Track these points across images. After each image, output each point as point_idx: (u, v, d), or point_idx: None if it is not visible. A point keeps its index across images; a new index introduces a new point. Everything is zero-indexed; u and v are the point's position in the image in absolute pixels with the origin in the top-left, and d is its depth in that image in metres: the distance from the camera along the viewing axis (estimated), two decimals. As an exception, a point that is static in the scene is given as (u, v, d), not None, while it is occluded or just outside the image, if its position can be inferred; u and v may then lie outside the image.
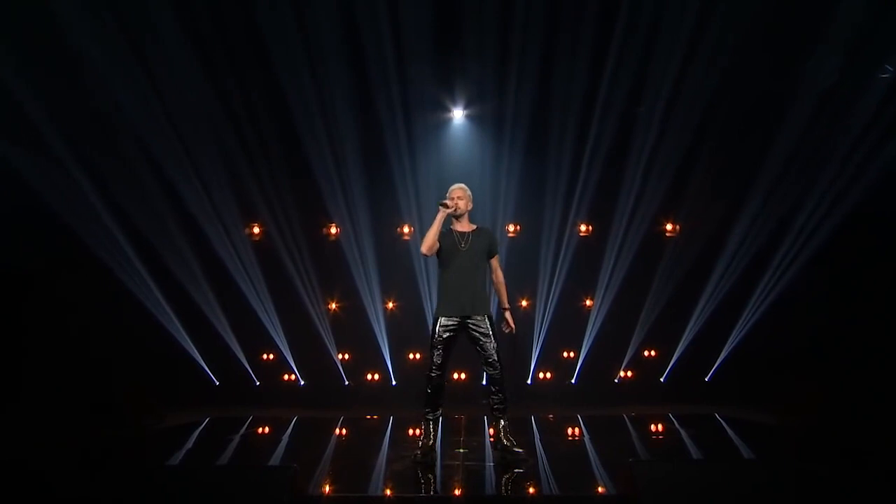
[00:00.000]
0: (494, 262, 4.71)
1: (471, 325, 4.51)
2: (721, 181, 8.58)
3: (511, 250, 9.15)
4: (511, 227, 9.27)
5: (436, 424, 4.66)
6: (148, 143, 8.03)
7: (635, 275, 9.07)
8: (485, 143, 9.08)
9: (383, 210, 9.16)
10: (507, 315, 4.65)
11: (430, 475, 4.32)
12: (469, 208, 4.75)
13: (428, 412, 4.65)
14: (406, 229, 9.29)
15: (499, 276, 4.73)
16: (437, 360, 4.52)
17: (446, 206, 4.55)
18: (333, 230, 9.28)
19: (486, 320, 4.54)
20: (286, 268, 9.03)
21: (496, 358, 4.55)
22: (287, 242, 9.01)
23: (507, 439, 4.61)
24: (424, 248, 4.47)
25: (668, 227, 9.24)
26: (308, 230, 9.15)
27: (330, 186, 8.87)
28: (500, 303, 4.75)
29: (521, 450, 4.60)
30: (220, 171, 8.54)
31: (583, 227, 9.30)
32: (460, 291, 4.48)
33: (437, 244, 4.49)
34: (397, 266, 9.20)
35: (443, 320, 4.55)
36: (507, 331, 4.58)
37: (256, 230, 9.20)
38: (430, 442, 4.62)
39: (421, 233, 9.16)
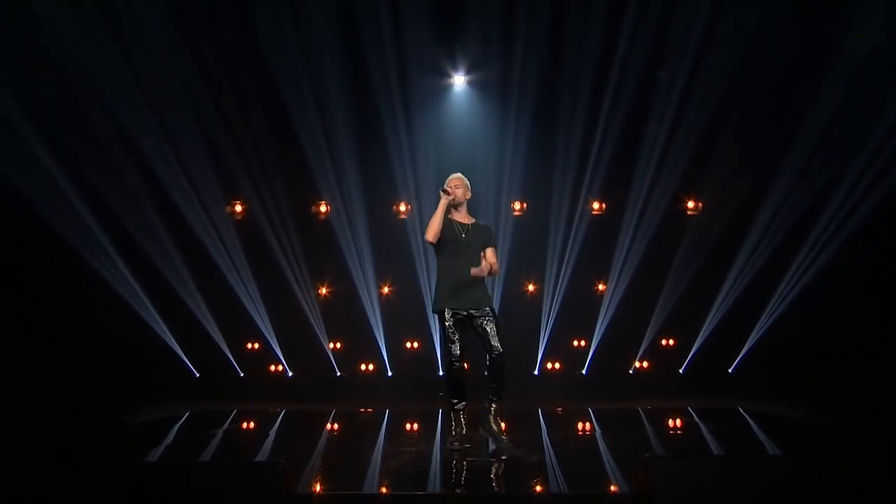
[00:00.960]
0: (489, 252, 4.96)
1: (474, 316, 4.86)
2: (749, 154, 8.54)
3: (517, 230, 9.14)
4: (517, 205, 9.25)
5: (465, 413, 4.97)
6: (117, 113, 7.95)
7: (653, 257, 9.06)
8: (488, 111, 9.01)
9: (378, 186, 9.13)
10: (484, 263, 4.78)
11: (428, 472, 4.41)
12: (467, 197, 5.01)
13: (455, 402, 4.95)
14: (402, 207, 9.27)
15: (495, 265, 4.91)
16: (455, 351, 4.81)
17: (447, 193, 4.85)
18: (323, 208, 9.26)
19: (489, 311, 4.85)
20: (272, 249, 9.01)
21: (499, 343, 4.85)
22: (273, 221, 8.98)
23: (496, 424, 4.86)
24: (429, 236, 4.76)
25: (690, 204, 9.21)
26: (296, 208, 9.13)
27: (319, 160, 8.84)
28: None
29: (506, 438, 4.86)
30: (198, 143, 8.49)
31: (595, 205, 9.27)
32: (463, 284, 4.79)
33: (440, 229, 4.79)
34: (393, 247, 9.19)
35: (449, 312, 4.84)
36: (473, 271, 4.69)
37: (239, 208, 9.15)
38: (464, 430, 4.91)
39: (419, 211, 9.19)
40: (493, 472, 4.42)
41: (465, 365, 5.05)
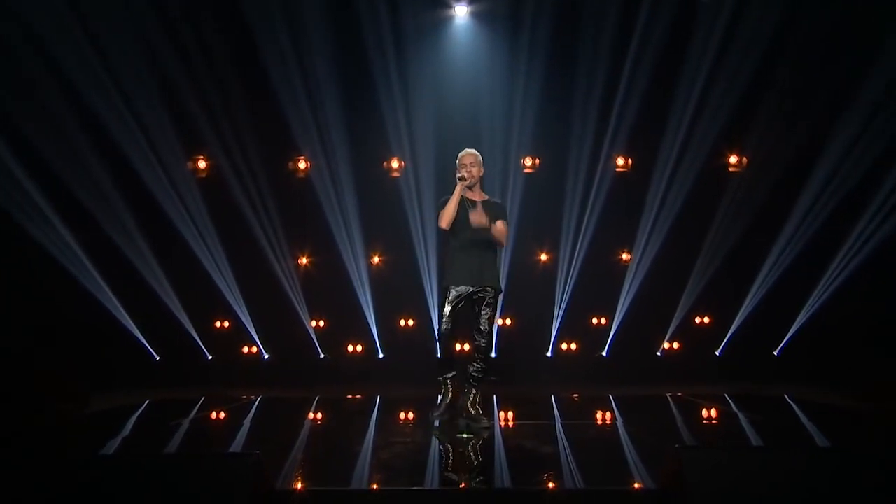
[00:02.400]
0: (500, 222, 5.27)
1: (478, 294, 5.23)
2: (803, 102, 8.49)
3: (528, 190, 9.21)
4: (528, 161, 9.32)
5: (452, 384, 5.35)
6: (58, 57, 7.91)
7: (686, 221, 9.07)
8: (496, 49, 8.99)
9: (366, 139, 9.15)
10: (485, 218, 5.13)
11: (425, 465, 4.45)
12: (481, 174, 5.34)
13: (443, 374, 5.36)
14: (395, 163, 9.31)
15: (502, 232, 5.26)
16: (444, 324, 5.21)
17: (464, 180, 5.14)
18: (302, 165, 9.29)
19: (493, 293, 5.22)
20: (243, 212, 9.05)
21: (488, 328, 5.24)
22: (243, 180, 9.01)
23: (475, 408, 5.28)
24: (443, 223, 5.13)
25: (733, 159, 9.21)
26: (270, 164, 9.16)
27: (297, 108, 8.85)
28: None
29: (486, 418, 5.26)
30: (153, 87, 8.48)
31: (620, 161, 9.29)
32: (471, 262, 5.21)
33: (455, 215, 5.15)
34: (385, 210, 9.22)
35: (453, 290, 5.26)
36: (473, 217, 5.06)
37: (202, 164, 9.17)
38: (448, 399, 5.29)
39: (414, 168, 9.26)
40: (499, 465, 4.47)
41: (458, 345, 5.61)
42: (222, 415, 6.53)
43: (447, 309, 5.24)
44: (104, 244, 8.64)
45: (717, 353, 9.31)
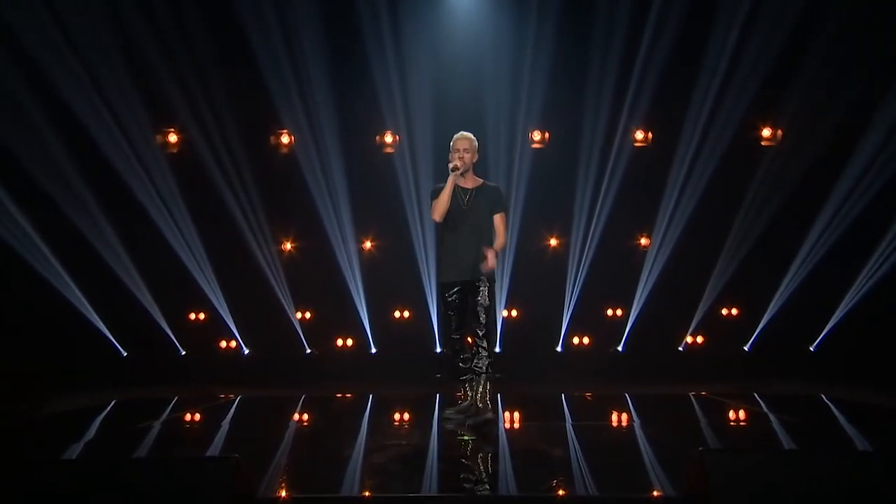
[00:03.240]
0: (497, 219, 5.54)
1: (474, 286, 5.50)
2: (846, 69, 8.41)
3: (536, 167, 9.21)
4: (536, 135, 9.32)
5: (473, 384, 5.53)
6: (9, 20, 7.88)
7: (713, 201, 9.03)
8: (501, 10, 8.98)
9: (356, 111, 9.13)
10: (490, 251, 5.42)
11: (422, 469, 4.47)
12: (474, 161, 5.53)
13: (459, 376, 5.66)
14: (388, 138, 9.29)
15: (501, 239, 5.55)
16: (453, 323, 5.56)
17: (457, 170, 5.36)
18: (286, 139, 9.27)
19: (486, 288, 5.46)
20: (219, 192, 9.04)
21: (483, 313, 5.46)
22: (219, 157, 8.99)
23: (483, 402, 5.42)
24: (436, 216, 5.42)
25: (766, 132, 9.12)
26: (250, 139, 9.14)
27: (280, 76, 8.81)
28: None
29: (490, 411, 5.50)
30: (117, 54, 8.45)
31: (639, 134, 9.27)
32: (462, 254, 5.46)
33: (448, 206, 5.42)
34: (377, 189, 9.21)
35: (449, 284, 5.57)
36: (483, 267, 5.38)
37: (173, 138, 9.13)
38: (467, 403, 5.56)
39: (409, 143, 9.31)
40: (504, 470, 4.48)
41: (469, 339, 5.57)
42: (197, 416, 6.56)
43: (452, 307, 5.56)
44: (62, 227, 8.62)
45: (745, 349, 9.31)
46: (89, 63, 8.38)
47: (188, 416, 6.56)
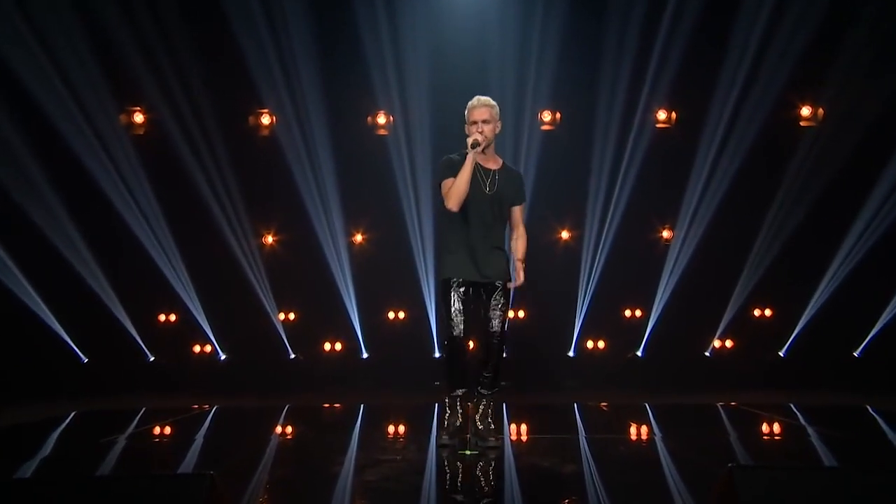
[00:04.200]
0: (517, 212, 5.12)
1: (485, 289, 5.01)
2: (891, 43, 8.11)
3: (546, 151, 8.90)
4: (546, 116, 9.08)
5: (461, 404, 5.12)
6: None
7: (744, 189, 8.75)
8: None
9: (346, 89, 8.85)
10: (520, 267, 5.09)
11: (419, 488, 4.27)
12: (497, 132, 4.96)
13: (453, 391, 5.10)
14: (381, 119, 9.06)
15: (521, 230, 5.18)
16: (458, 327, 4.97)
17: (478, 145, 4.77)
18: (266, 119, 9.07)
19: (502, 287, 5.02)
20: (192, 180, 8.73)
21: (501, 328, 5.06)
22: (192, 139, 8.68)
23: (484, 423, 5.09)
24: (454, 205, 4.82)
25: (805, 111, 8.83)
26: (226, 119, 8.85)
27: (260, 50, 8.52)
28: (515, 253, 5.18)
29: (494, 436, 5.11)
30: (76, 24, 8.06)
31: (662, 115, 9.03)
32: (478, 250, 4.97)
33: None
34: (369, 176, 8.96)
35: (454, 282, 5.01)
36: (510, 285, 5.01)
37: (139, 118, 8.83)
38: (459, 421, 5.11)
39: (404, 125, 8.95)
40: (510, 488, 4.30)
41: (470, 344, 5.29)
42: (168, 429, 6.40)
43: (457, 306, 4.95)
44: (13, 218, 8.26)
45: (780, 354, 9.01)
46: (42, 31, 7.99)
47: (158, 429, 6.35)
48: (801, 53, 8.48)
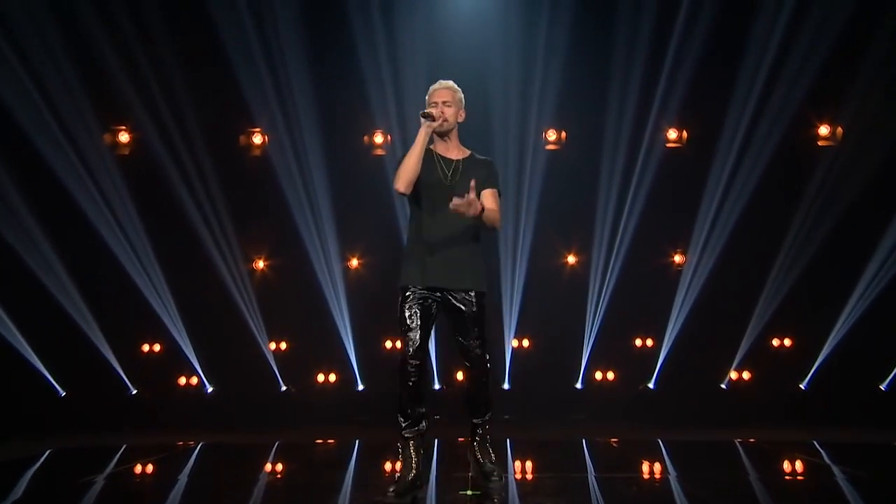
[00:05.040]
0: (488, 197, 4.69)
1: (451, 301, 4.63)
2: None
3: (551, 171, 8.85)
4: (551, 135, 9.00)
5: (419, 446, 4.68)
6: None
7: (760, 211, 8.67)
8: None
9: (342, 108, 8.85)
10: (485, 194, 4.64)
11: None
12: (460, 120, 4.73)
13: (405, 428, 4.67)
14: (378, 138, 8.98)
15: (495, 214, 4.70)
16: (412, 342, 4.57)
17: (430, 118, 4.54)
18: (258, 139, 9.02)
19: (475, 298, 4.65)
20: (179, 201, 8.66)
21: (481, 350, 4.64)
22: (179, 159, 8.61)
23: (485, 455, 4.78)
24: (400, 184, 4.54)
25: (823, 130, 8.73)
26: (216, 139, 8.81)
27: (252, 68, 8.50)
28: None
29: (498, 471, 4.77)
30: (59, 38, 8.03)
31: (672, 134, 8.95)
32: (440, 249, 4.63)
33: (417, 174, 4.58)
34: (365, 198, 8.85)
35: (415, 291, 4.63)
36: (462, 207, 4.38)
37: (125, 138, 8.80)
38: (412, 474, 4.59)
39: (403, 144, 8.70)
40: None
41: (460, 377, 5.29)
42: (150, 467, 6.27)
43: (411, 320, 4.54)
44: None
45: (802, 387, 8.85)
46: (22, 45, 7.97)
47: (139, 468, 6.18)
48: (819, 69, 8.45)
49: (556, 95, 8.73)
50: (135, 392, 8.90)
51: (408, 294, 4.59)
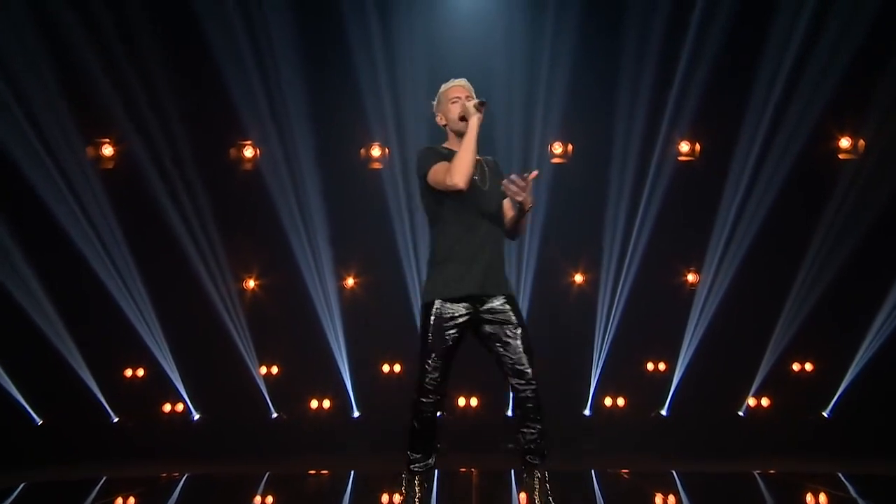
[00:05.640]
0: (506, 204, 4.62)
1: (485, 314, 4.35)
2: None
3: (557, 187, 8.82)
4: (557, 147, 8.96)
5: (427, 481, 4.50)
6: None
7: (779, 228, 8.63)
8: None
9: (337, 118, 8.84)
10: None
11: None
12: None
13: (415, 462, 4.44)
14: (376, 151, 8.94)
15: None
16: (431, 373, 4.30)
17: (483, 106, 4.25)
18: (249, 152, 8.95)
19: (510, 303, 4.39)
20: (165, 218, 8.62)
21: (528, 364, 4.31)
22: (167, 173, 8.57)
23: (544, 499, 4.39)
24: (460, 179, 4.19)
25: (844, 143, 8.66)
26: (204, 152, 8.79)
27: (243, 77, 8.45)
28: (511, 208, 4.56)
29: None
30: (40, 45, 7.95)
31: (685, 146, 8.90)
32: (477, 258, 4.38)
33: None
34: (362, 214, 8.91)
35: (444, 307, 4.33)
36: (520, 194, 4.20)
37: (108, 151, 8.72)
38: None
39: (401, 158, 8.73)
40: None
41: (465, 402, 5.41)
42: (132, 501, 6.15)
43: (433, 366, 4.26)
44: None
45: (825, 415, 8.76)
46: (2, 54, 7.92)
47: (120, 502, 6.07)
48: (840, 77, 8.32)
49: (563, 105, 8.69)
50: (116, 420, 8.80)
51: (437, 308, 4.30)
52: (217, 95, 8.47)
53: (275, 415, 8.87)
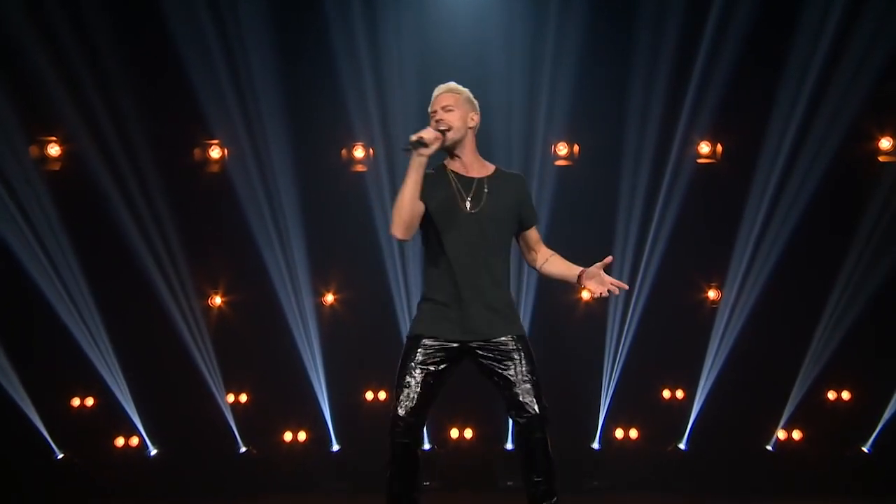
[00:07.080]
0: (533, 236, 4.40)
1: (481, 353, 4.12)
2: None
3: (562, 191, 8.81)
4: (562, 149, 8.93)
5: None
6: None
7: (810, 240, 8.55)
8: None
9: (315, 116, 8.83)
10: (596, 272, 4.13)
11: None
12: (472, 125, 4.21)
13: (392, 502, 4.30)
14: (359, 152, 8.92)
15: (545, 249, 4.44)
16: (406, 404, 4.09)
17: (422, 145, 3.99)
18: (216, 153, 8.91)
19: (517, 341, 4.11)
20: (120, 226, 8.51)
21: (535, 395, 4.04)
22: (121, 176, 8.47)
23: None
24: (397, 230, 4.08)
25: (885, 143, 8.62)
26: (165, 153, 8.73)
27: (208, 68, 8.38)
28: (565, 268, 4.44)
29: None
30: None
31: (705, 148, 8.84)
32: (461, 294, 4.14)
33: (420, 211, 4.12)
34: (342, 222, 8.91)
35: (425, 343, 4.12)
36: (596, 292, 4.06)
37: (55, 150, 8.64)
38: None
39: (387, 160, 8.68)
40: None
41: (458, 434, 5.45)
42: None
43: (408, 395, 4.03)
44: None
45: (864, 449, 8.58)
46: None
47: None
48: (880, 71, 8.19)
49: (568, 103, 8.66)
50: (62, 456, 8.54)
51: (419, 343, 4.10)
52: (180, 89, 8.41)
53: (243, 449, 8.79)
